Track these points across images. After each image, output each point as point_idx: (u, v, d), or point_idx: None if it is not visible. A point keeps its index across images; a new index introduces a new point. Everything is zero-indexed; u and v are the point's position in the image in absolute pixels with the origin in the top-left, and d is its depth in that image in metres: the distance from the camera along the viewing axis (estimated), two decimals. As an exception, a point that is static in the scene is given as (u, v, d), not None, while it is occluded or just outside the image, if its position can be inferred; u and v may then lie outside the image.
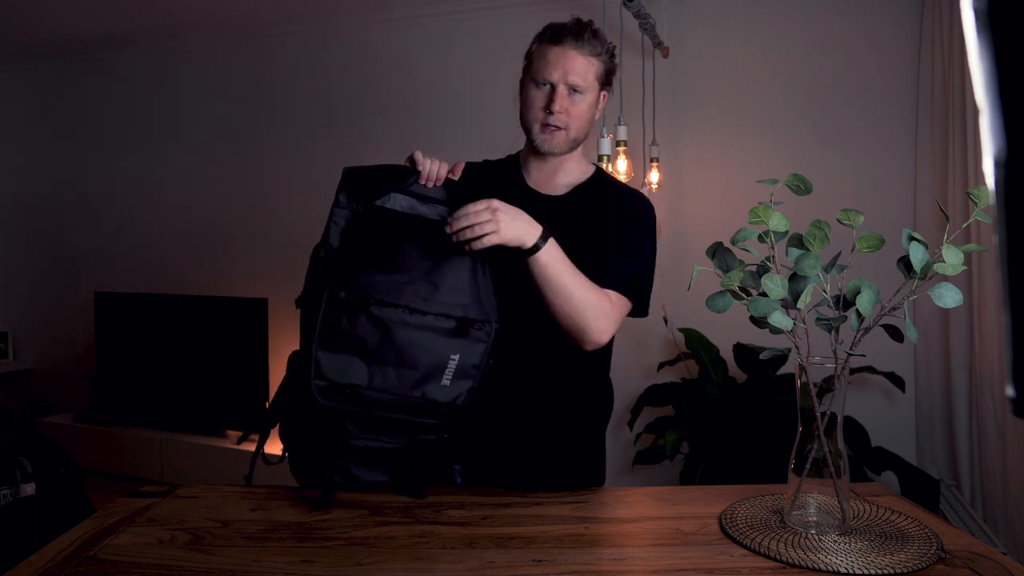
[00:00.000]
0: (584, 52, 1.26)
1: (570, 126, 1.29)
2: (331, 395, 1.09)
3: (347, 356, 1.10)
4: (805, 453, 1.04)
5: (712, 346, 2.74)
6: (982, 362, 2.39)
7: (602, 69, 1.30)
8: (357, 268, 1.11)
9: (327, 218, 1.17)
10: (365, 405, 1.11)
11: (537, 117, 1.29)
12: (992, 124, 0.29)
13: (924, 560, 0.93)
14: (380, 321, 1.10)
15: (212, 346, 3.65)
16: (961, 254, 0.94)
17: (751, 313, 1.03)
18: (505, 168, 1.41)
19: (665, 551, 0.99)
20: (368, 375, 1.10)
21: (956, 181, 2.49)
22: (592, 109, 1.31)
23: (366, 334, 1.10)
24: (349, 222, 1.16)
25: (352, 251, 1.14)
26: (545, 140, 1.29)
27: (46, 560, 0.94)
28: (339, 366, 1.09)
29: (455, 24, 3.30)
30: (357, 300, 1.09)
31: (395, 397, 1.11)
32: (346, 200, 1.17)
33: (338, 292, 1.09)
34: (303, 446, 1.20)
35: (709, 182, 3.03)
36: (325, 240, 1.16)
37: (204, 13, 3.45)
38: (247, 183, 3.84)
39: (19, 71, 4.21)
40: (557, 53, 1.26)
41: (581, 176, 1.38)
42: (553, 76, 1.26)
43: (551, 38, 1.28)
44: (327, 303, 1.09)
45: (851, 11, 2.84)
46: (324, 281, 1.11)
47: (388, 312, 1.10)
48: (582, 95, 1.28)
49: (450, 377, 1.13)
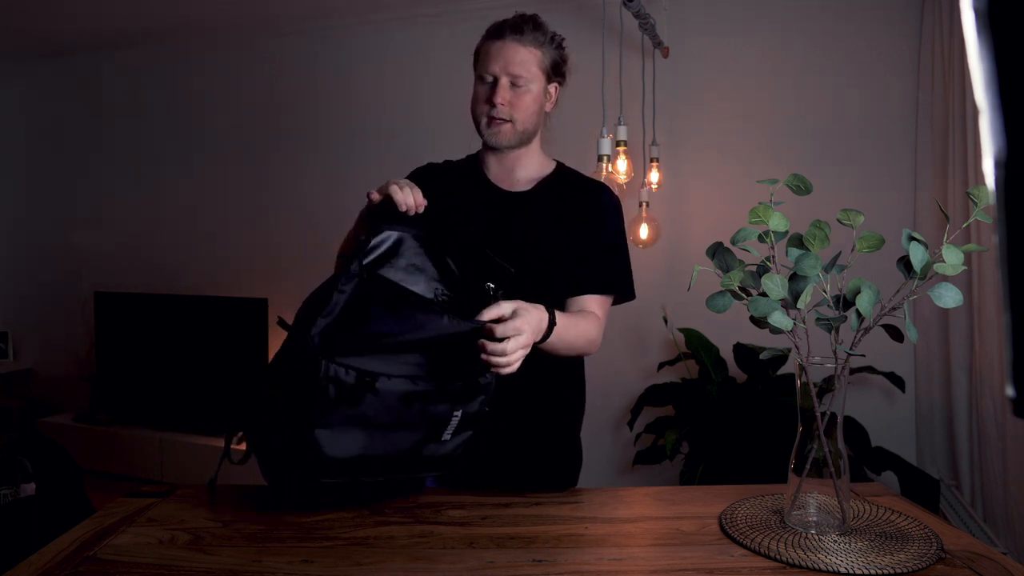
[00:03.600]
0: (524, 43, 1.27)
1: (515, 118, 1.29)
2: (332, 472, 1.03)
3: (347, 430, 1.01)
4: (805, 453, 1.04)
5: (712, 346, 2.74)
6: (982, 362, 2.39)
7: (546, 59, 1.30)
8: (361, 347, 1.00)
9: (332, 285, 1.03)
10: (364, 472, 1.06)
11: (483, 111, 1.30)
12: (992, 124, 0.29)
13: (924, 560, 0.93)
14: (384, 394, 1.01)
15: (212, 346, 3.65)
16: (961, 254, 0.94)
17: (751, 313, 1.03)
18: (466, 167, 1.42)
19: (665, 551, 0.99)
20: (368, 443, 1.03)
21: (956, 181, 2.49)
22: (539, 100, 1.31)
23: (369, 409, 1.01)
24: (355, 291, 1.03)
25: (355, 324, 1.02)
26: (492, 134, 1.30)
27: (46, 560, 0.94)
28: (340, 443, 1.01)
29: (456, 24, 3.31)
30: (362, 379, 0.99)
31: (394, 459, 1.07)
32: (358, 268, 1.05)
33: (339, 371, 0.97)
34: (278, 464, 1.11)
35: (709, 182, 3.03)
36: (328, 305, 1.02)
37: (204, 14, 3.45)
38: (247, 183, 3.84)
39: (19, 71, 4.21)
40: (497, 47, 1.28)
41: (542, 171, 1.38)
42: (494, 69, 1.27)
43: (492, 33, 1.30)
44: (325, 380, 0.97)
45: (851, 10, 2.84)
46: (321, 357, 0.97)
47: (394, 384, 1.01)
48: (526, 87, 1.28)
49: (451, 432, 1.10)
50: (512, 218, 1.31)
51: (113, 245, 4.12)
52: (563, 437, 1.39)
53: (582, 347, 1.26)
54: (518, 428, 1.33)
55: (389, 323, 1.02)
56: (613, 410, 3.11)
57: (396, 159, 3.36)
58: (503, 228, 1.30)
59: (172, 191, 3.99)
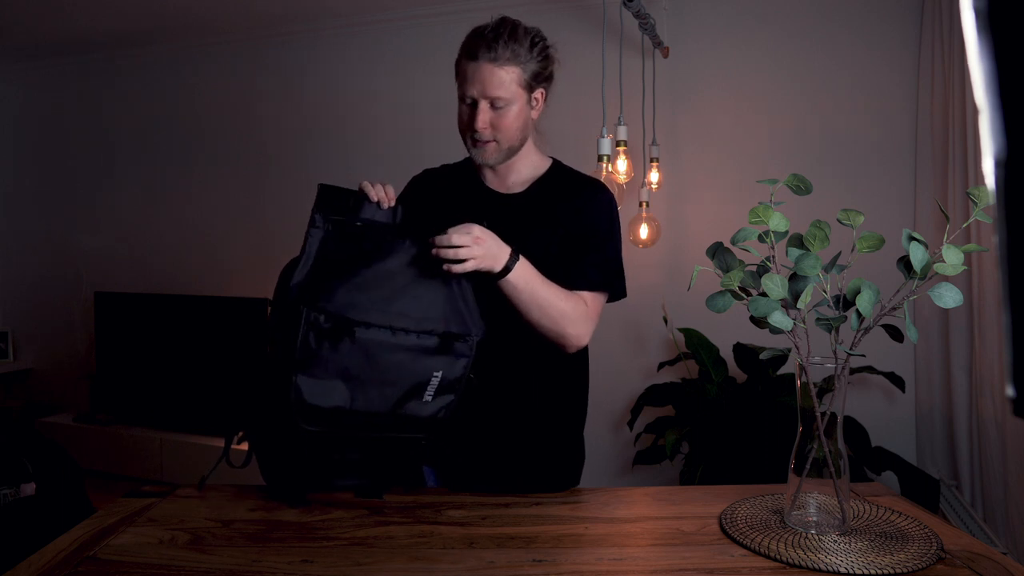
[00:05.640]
0: (500, 63, 1.22)
1: (499, 138, 1.28)
2: (314, 420, 1.08)
3: (328, 380, 1.07)
4: (805, 453, 1.04)
5: (712, 346, 2.74)
6: (982, 362, 2.39)
7: (526, 73, 1.25)
8: (335, 288, 1.09)
9: (304, 237, 1.13)
10: (347, 426, 1.10)
11: (466, 131, 1.29)
12: (992, 124, 0.29)
13: (924, 560, 0.93)
14: (363, 343, 1.08)
15: (212, 346, 3.65)
16: (961, 254, 0.94)
17: (751, 313, 1.03)
18: (463, 171, 1.42)
19: (665, 551, 0.99)
20: (350, 396, 1.09)
21: (956, 181, 2.49)
22: (522, 115, 1.28)
23: (349, 358, 1.07)
24: (323, 241, 1.13)
25: (328, 271, 1.11)
26: (478, 153, 1.30)
27: (46, 560, 0.94)
28: (321, 391, 1.07)
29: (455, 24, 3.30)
30: (340, 325, 1.06)
31: (377, 416, 1.11)
32: (321, 220, 1.13)
33: (318, 317, 1.06)
34: (275, 455, 1.18)
35: (709, 182, 3.03)
36: (301, 259, 1.12)
37: (205, 14, 3.45)
38: (247, 182, 3.84)
39: (19, 70, 4.21)
40: (473, 68, 1.24)
41: (537, 170, 1.38)
42: (472, 92, 1.25)
43: (467, 51, 1.25)
44: (306, 327, 1.05)
45: (851, 10, 2.84)
46: (300, 304, 1.06)
47: (372, 333, 1.08)
48: (506, 107, 1.25)
49: (432, 393, 1.13)
50: (507, 221, 1.30)
51: (113, 245, 4.12)
52: (565, 437, 1.39)
53: (554, 316, 1.21)
54: (520, 428, 1.33)
55: (359, 258, 1.12)
56: (613, 410, 3.11)
57: (395, 159, 3.37)
58: (498, 231, 1.30)
59: (172, 191, 3.99)
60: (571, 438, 1.40)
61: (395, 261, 1.14)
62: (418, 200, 1.38)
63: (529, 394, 1.33)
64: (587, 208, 1.33)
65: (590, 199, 1.34)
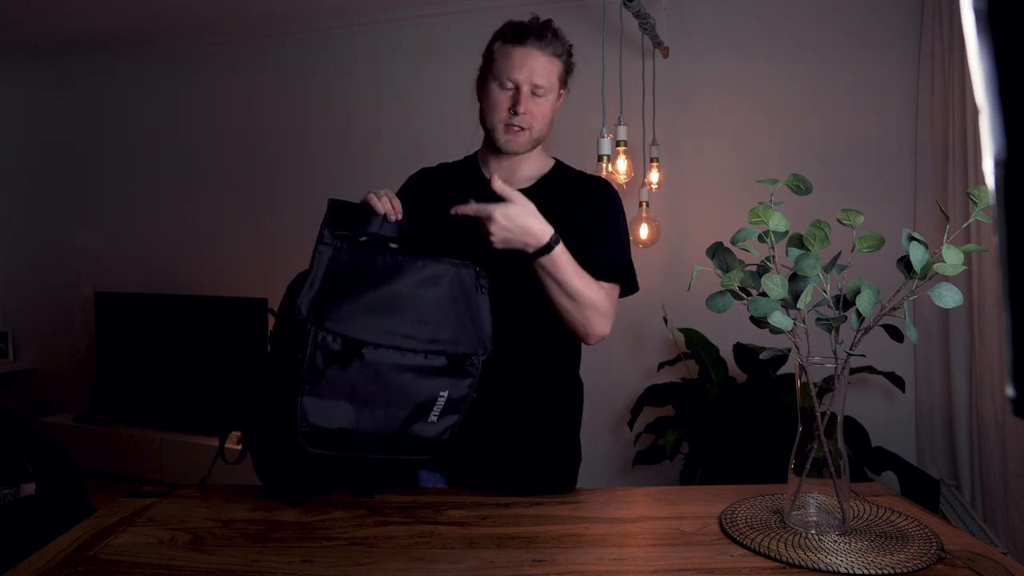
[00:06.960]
0: (547, 52, 1.26)
1: (533, 127, 1.29)
2: (319, 442, 1.06)
3: (334, 401, 1.05)
4: (805, 453, 1.04)
5: (712, 346, 2.74)
6: (982, 362, 2.39)
7: (563, 69, 1.30)
8: (344, 307, 1.06)
9: (312, 254, 1.10)
10: (352, 448, 1.09)
11: (502, 118, 1.29)
12: (992, 124, 0.29)
13: (924, 560, 0.93)
14: (372, 364, 1.06)
15: (212, 346, 3.65)
16: (961, 254, 0.94)
17: (751, 313, 1.03)
18: (464, 169, 1.42)
19: (665, 551, 0.99)
20: (356, 417, 1.07)
21: (956, 181, 2.49)
22: (554, 109, 1.32)
23: (356, 378, 1.06)
24: (332, 258, 1.10)
25: (337, 289, 1.08)
26: (509, 140, 1.30)
27: (46, 560, 0.94)
28: (326, 412, 1.05)
29: (455, 24, 3.31)
30: (349, 345, 1.05)
31: (382, 437, 1.10)
32: (330, 235, 1.11)
33: (327, 337, 1.04)
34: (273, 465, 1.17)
35: (709, 182, 3.03)
36: (309, 276, 1.09)
37: (205, 14, 3.45)
38: (247, 182, 3.84)
39: (19, 70, 4.21)
40: (521, 54, 1.26)
41: (541, 170, 1.38)
42: (518, 77, 1.26)
43: (514, 38, 1.27)
44: (313, 347, 1.03)
45: (851, 11, 2.84)
46: (308, 324, 1.04)
47: (381, 354, 1.06)
48: (545, 96, 1.28)
49: (437, 414, 1.12)
50: None
51: (113, 245, 4.12)
52: (562, 439, 1.39)
53: (586, 305, 1.22)
54: (516, 430, 1.32)
55: (368, 276, 1.09)
56: (613, 410, 3.11)
57: (396, 159, 3.36)
58: None
59: (172, 191, 3.99)
60: (567, 440, 1.40)
61: (405, 279, 1.11)
62: (418, 200, 1.38)
63: (525, 397, 1.33)
64: (595, 202, 1.33)
65: (597, 193, 1.35)
